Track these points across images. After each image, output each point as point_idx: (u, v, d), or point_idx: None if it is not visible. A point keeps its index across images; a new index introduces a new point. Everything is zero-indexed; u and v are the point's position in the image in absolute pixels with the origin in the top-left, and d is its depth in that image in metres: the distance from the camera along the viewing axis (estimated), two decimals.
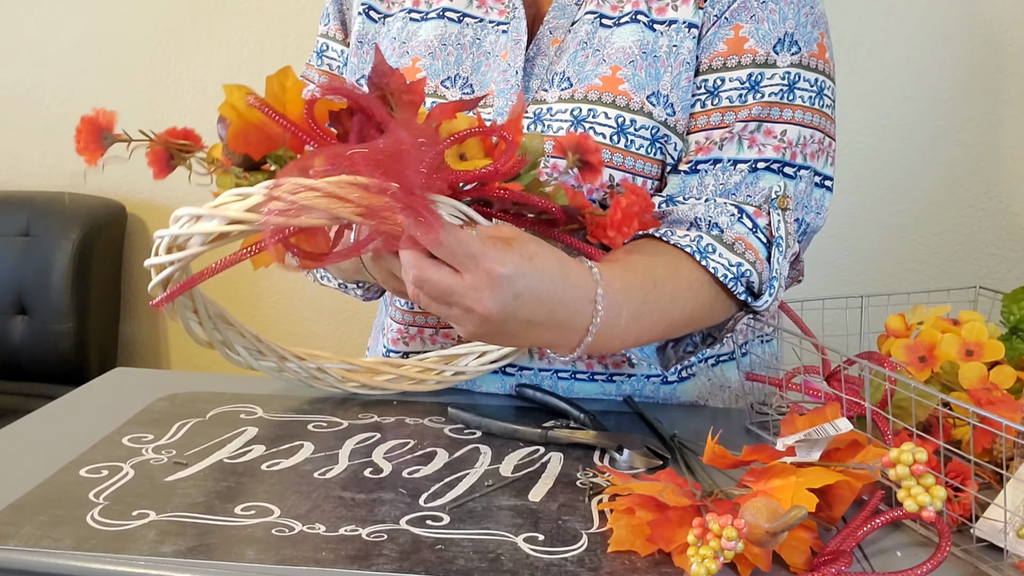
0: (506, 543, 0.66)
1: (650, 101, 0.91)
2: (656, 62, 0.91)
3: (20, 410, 0.96)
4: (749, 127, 0.90)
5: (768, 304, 0.88)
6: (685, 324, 0.86)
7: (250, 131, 0.72)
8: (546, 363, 0.99)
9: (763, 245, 0.88)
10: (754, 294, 0.88)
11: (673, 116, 0.92)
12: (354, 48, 1.02)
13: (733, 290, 0.86)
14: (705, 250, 0.86)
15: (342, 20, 1.05)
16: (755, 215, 0.89)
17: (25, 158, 2.08)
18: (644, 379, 1.00)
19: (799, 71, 0.91)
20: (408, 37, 0.99)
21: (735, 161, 0.90)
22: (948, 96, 1.64)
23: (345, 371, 0.97)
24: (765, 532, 0.60)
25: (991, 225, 1.68)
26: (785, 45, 0.91)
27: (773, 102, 0.90)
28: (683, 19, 0.91)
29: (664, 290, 0.83)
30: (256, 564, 0.63)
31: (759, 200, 0.90)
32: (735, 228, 0.88)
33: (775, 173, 0.90)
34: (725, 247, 0.86)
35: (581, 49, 0.93)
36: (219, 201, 0.69)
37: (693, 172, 0.92)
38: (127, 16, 1.99)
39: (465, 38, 0.97)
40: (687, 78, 0.92)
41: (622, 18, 0.93)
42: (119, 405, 0.92)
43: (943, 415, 0.71)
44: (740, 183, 0.90)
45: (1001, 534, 0.65)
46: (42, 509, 0.70)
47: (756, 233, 0.88)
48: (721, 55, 0.91)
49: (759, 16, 0.90)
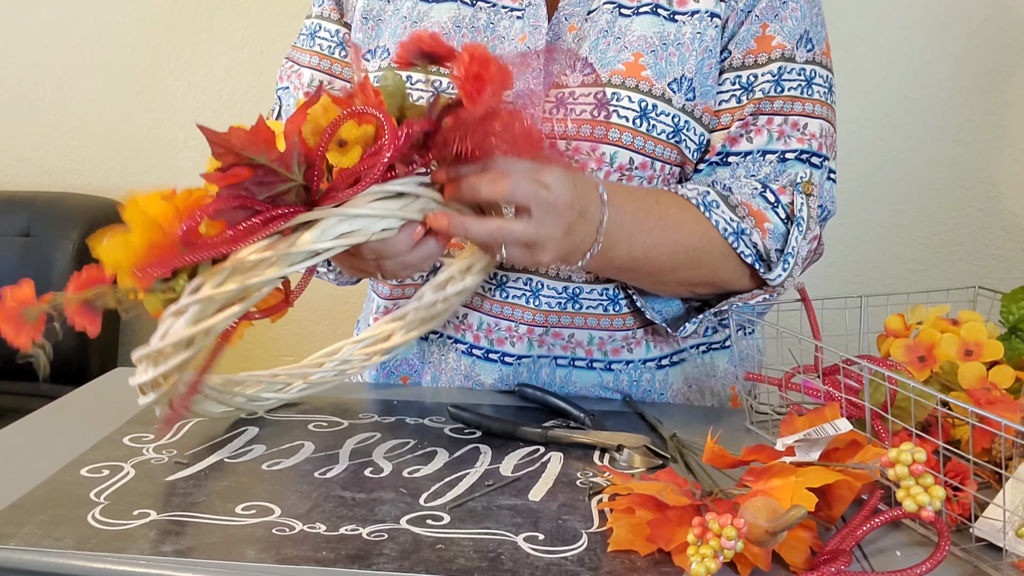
0: (506, 542, 0.66)
1: (671, 88, 0.93)
2: (680, 49, 0.94)
3: (20, 410, 0.96)
4: (776, 120, 0.95)
5: (782, 279, 0.92)
6: (694, 257, 0.90)
7: (145, 267, 0.70)
8: (545, 350, 1.00)
9: (781, 221, 0.93)
10: (765, 263, 0.92)
11: (693, 101, 0.94)
12: (359, 24, 1.03)
13: (735, 247, 0.91)
14: (710, 204, 0.91)
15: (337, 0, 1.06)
16: (779, 192, 0.93)
17: (25, 158, 2.08)
18: (640, 364, 1.01)
19: (814, 67, 0.96)
20: (420, 17, 0.99)
21: (764, 152, 0.95)
22: (948, 96, 1.65)
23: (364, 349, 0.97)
24: (765, 531, 0.60)
25: (991, 225, 1.68)
26: (802, 42, 0.95)
27: (795, 96, 0.95)
28: (704, 9, 0.95)
29: (667, 211, 0.89)
30: (256, 564, 0.63)
31: (784, 182, 0.94)
32: (751, 198, 0.92)
33: (802, 163, 0.95)
34: (728, 207, 0.92)
35: (602, 37, 0.95)
36: (163, 328, 0.70)
37: (724, 164, 0.96)
38: (127, 16, 1.99)
39: (479, 21, 0.98)
40: (709, 64, 0.95)
41: (640, 8, 0.95)
42: (120, 405, 0.92)
43: (942, 415, 0.71)
44: (770, 174, 0.95)
45: (1000, 533, 0.65)
46: (43, 509, 0.70)
47: (776, 208, 0.93)
48: (752, 52, 0.95)
49: (782, 15, 0.95)
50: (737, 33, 0.95)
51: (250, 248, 0.69)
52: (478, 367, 1.01)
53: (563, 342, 0.99)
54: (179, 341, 0.69)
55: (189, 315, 0.68)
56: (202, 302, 0.68)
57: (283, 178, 0.69)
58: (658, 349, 1.02)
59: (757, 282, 0.95)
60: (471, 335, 1.00)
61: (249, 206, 0.68)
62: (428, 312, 0.96)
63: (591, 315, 0.98)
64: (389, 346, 0.97)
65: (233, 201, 0.68)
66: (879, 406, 0.75)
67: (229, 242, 0.68)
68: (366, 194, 0.71)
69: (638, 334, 1.00)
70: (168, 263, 0.68)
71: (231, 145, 0.66)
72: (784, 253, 0.92)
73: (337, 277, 1.08)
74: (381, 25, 1.01)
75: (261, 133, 0.67)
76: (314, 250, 0.69)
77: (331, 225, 0.70)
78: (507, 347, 1.00)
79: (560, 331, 0.99)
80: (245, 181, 0.68)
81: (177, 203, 0.71)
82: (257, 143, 0.67)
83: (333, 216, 0.70)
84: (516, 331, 0.99)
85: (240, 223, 0.69)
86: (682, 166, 0.96)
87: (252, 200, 0.68)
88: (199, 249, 0.69)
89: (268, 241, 0.69)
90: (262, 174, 0.68)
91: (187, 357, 0.70)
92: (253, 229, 0.68)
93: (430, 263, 0.81)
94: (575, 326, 0.98)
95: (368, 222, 0.71)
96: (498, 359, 1.00)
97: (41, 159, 2.08)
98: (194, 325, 0.68)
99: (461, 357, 1.01)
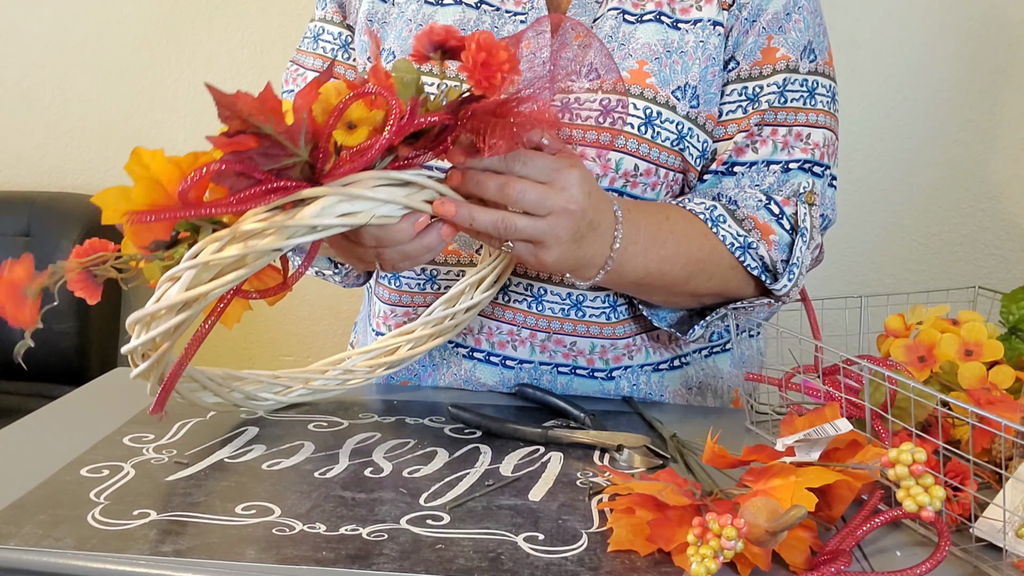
0: (506, 542, 0.66)
1: (675, 95, 0.94)
2: (683, 57, 0.95)
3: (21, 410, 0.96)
4: (780, 131, 0.96)
5: (788, 289, 0.93)
6: (704, 270, 0.91)
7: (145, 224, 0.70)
8: (547, 356, 0.99)
9: (786, 232, 0.94)
10: (771, 273, 0.93)
11: (696, 108, 0.95)
12: (363, 27, 1.03)
13: (742, 261, 0.92)
14: (716, 219, 0.92)
15: (340, 3, 1.06)
16: (783, 203, 0.94)
17: (25, 158, 2.08)
18: (638, 369, 1.01)
19: (816, 78, 0.97)
20: (424, 20, 1.00)
21: (768, 162, 0.96)
22: (948, 96, 1.65)
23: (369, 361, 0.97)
24: (764, 531, 0.60)
25: (991, 225, 1.68)
26: (806, 53, 0.96)
27: (799, 107, 0.96)
28: (708, 17, 0.96)
29: (677, 226, 0.90)
30: (256, 564, 0.63)
31: (787, 193, 0.95)
32: (755, 211, 0.93)
33: (805, 172, 0.96)
34: (735, 220, 0.93)
35: (607, 43, 0.95)
36: (158, 293, 0.70)
37: (730, 174, 0.96)
38: (127, 16, 1.99)
39: (483, 24, 0.99)
40: (713, 72, 0.96)
41: (644, 16, 0.96)
42: (120, 405, 0.92)
43: (942, 415, 0.71)
44: (773, 184, 0.96)
45: (1000, 533, 0.65)
46: (43, 508, 0.70)
47: (781, 220, 0.94)
48: (758, 64, 0.96)
49: (786, 27, 0.96)
50: (742, 43, 0.96)
51: (249, 215, 0.68)
52: (479, 370, 1.01)
53: (565, 349, 0.99)
54: (173, 304, 0.68)
55: (185, 279, 0.68)
56: (198, 267, 0.67)
57: (288, 152, 0.68)
58: (658, 355, 1.02)
59: (763, 291, 0.95)
60: (472, 339, 1.00)
61: (252, 175, 0.68)
62: (437, 328, 0.96)
63: (594, 323, 0.98)
64: (395, 359, 0.97)
65: (237, 166, 0.67)
66: (879, 406, 0.75)
67: (228, 205, 0.67)
68: (371, 177, 0.71)
69: (638, 340, 1.00)
70: (164, 216, 0.68)
71: (237, 109, 0.65)
72: (789, 264, 0.93)
73: (343, 279, 1.08)
74: (386, 28, 1.02)
75: (268, 101, 0.66)
76: (314, 225, 0.68)
77: (332, 203, 0.69)
78: (508, 351, 1.00)
79: (562, 338, 0.99)
80: (250, 150, 0.67)
81: (181, 164, 0.70)
82: (264, 111, 0.66)
83: (336, 195, 0.69)
84: (518, 335, 0.99)
85: (242, 191, 0.68)
86: (685, 173, 0.97)
87: (256, 169, 0.68)
88: (196, 207, 0.68)
89: (268, 212, 0.69)
90: (268, 145, 0.67)
91: (180, 320, 0.69)
92: (254, 197, 0.68)
93: (429, 257, 0.80)
94: (577, 334, 0.98)
95: (370, 205, 0.71)
96: (499, 363, 1.00)
97: (41, 159, 2.08)
98: (189, 289, 0.68)
99: (462, 361, 1.01)
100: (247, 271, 0.69)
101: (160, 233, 0.70)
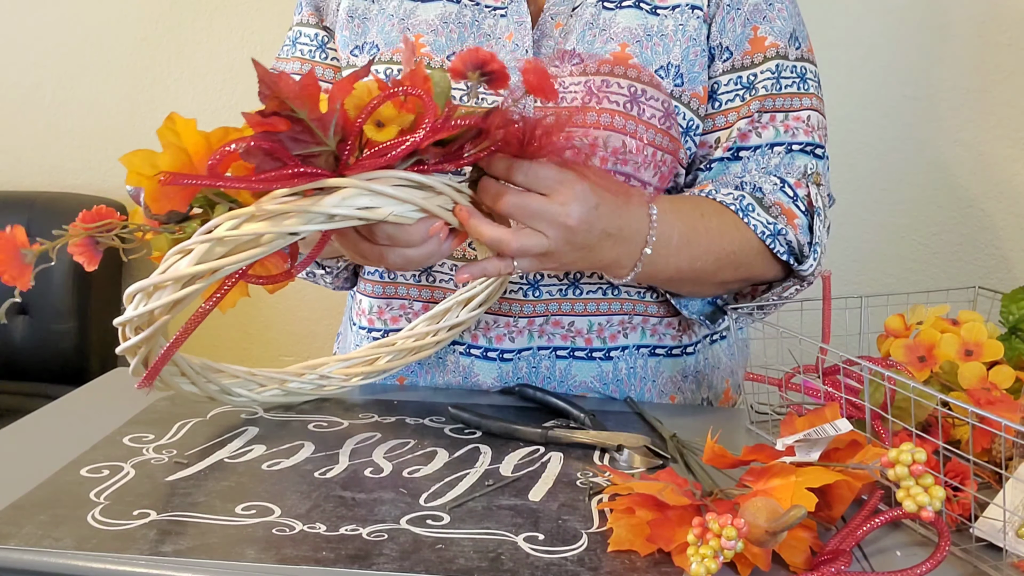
0: (506, 542, 0.66)
1: (659, 74, 0.96)
2: (664, 39, 0.97)
3: (21, 410, 0.96)
4: (779, 116, 0.99)
5: (813, 269, 0.97)
6: (733, 261, 0.93)
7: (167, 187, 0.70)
8: (545, 340, 1.00)
9: (803, 214, 0.96)
10: (796, 257, 0.95)
11: (681, 87, 0.97)
12: (344, 22, 1.04)
13: (772, 247, 0.94)
14: (746, 208, 0.94)
15: (316, 6, 1.07)
16: (796, 186, 0.97)
17: (25, 158, 2.08)
18: (635, 351, 1.02)
19: (804, 64, 1.01)
20: (407, 15, 1.01)
21: (772, 144, 0.99)
22: (948, 96, 1.64)
23: (347, 369, 0.97)
24: (764, 532, 0.60)
25: (991, 225, 1.68)
26: (792, 40, 1.00)
27: (794, 92, 0.99)
28: (686, 3, 0.98)
29: (711, 223, 0.92)
30: (256, 564, 0.63)
31: (796, 175, 0.98)
32: (777, 195, 0.95)
33: (807, 154, 1.00)
34: (763, 208, 0.95)
35: (588, 29, 0.97)
36: (165, 265, 0.69)
37: (736, 159, 0.99)
38: (127, 16, 1.99)
39: (464, 18, 1.00)
40: (695, 52, 0.98)
41: (623, 2, 0.98)
42: (120, 405, 0.92)
43: (942, 415, 0.71)
44: (779, 164, 0.99)
45: (1000, 533, 0.65)
46: (43, 509, 0.70)
47: (796, 202, 0.96)
48: (748, 54, 0.99)
49: (770, 16, 0.99)
50: (728, 30, 0.98)
51: (270, 196, 0.69)
52: (476, 367, 1.01)
53: (563, 331, 1.00)
54: (180, 276, 0.68)
55: (196, 252, 0.68)
56: (212, 241, 0.67)
57: (317, 140, 0.69)
58: (655, 338, 1.03)
59: (787, 272, 0.98)
60: (468, 335, 1.01)
61: (279, 157, 0.69)
62: (417, 343, 0.98)
63: (591, 300, 1.00)
64: (372, 370, 0.98)
65: (266, 145, 0.68)
66: (879, 406, 0.75)
67: (254, 182, 0.68)
68: (394, 176, 0.72)
69: (635, 320, 1.01)
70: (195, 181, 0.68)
71: (278, 90, 0.66)
72: (812, 244, 0.96)
73: (333, 281, 1.09)
74: (367, 23, 1.03)
75: (309, 87, 0.67)
76: (333, 213, 0.69)
77: (353, 195, 0.70)
78: (506, 343, 1.00)
79: (560, 319, 1.00)
80: (281, 132, 0.68)
81: (211, 138, 0.71)
82: (302, 96, 0.67)
83: (358, 188, 0.70)
84: (515, 325, 0.99)
85: (268, 171, 0.69)
86: (675, 153, 0.98)
87: (284, 151, 0.69)
88: (223, 180, 0.69)
89: (290, 195, 0.69)
90: (299, 130, 0.68)
91: (183, 295, 0.68)
92: (279, 178, 0.68)
93: (432, 263, 0.81)
94: (575, 313, 1.00)
95: (391, 203, 0.72)
96: (496, 357, 1.00)
97: (41, 159, 2.08)
98: (199, 264, 0.68)
99: (459, 358, 1.01)
100: (261, 251, 0.69)
101: (179, 203, 0.71)
